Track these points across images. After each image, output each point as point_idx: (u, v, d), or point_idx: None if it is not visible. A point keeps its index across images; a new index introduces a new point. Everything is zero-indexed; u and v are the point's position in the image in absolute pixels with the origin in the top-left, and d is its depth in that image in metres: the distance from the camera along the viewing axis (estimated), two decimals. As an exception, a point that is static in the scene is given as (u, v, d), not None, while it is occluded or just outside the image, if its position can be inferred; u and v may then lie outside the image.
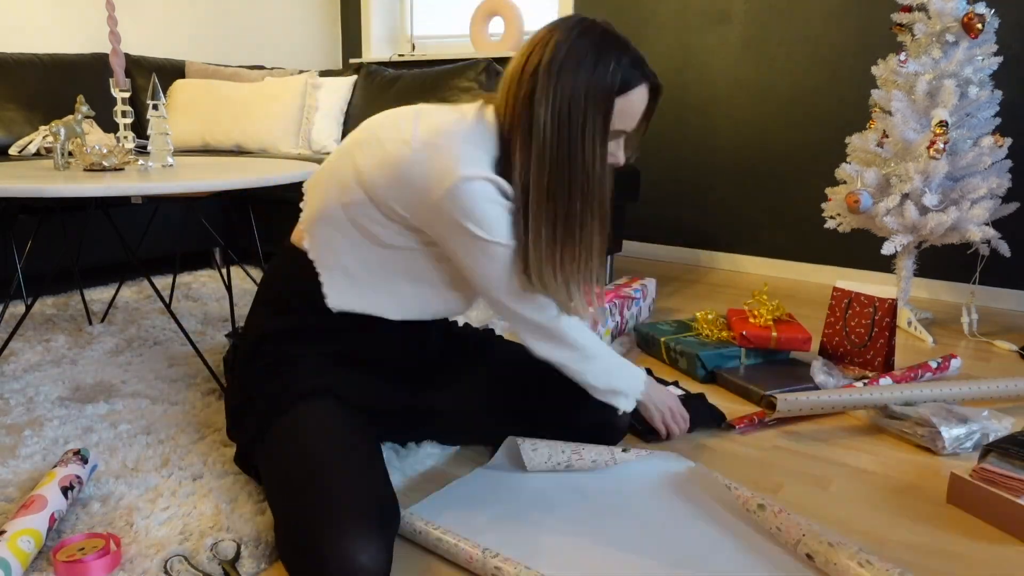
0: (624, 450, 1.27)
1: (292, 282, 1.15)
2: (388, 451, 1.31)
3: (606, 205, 1.07)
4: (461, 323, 1.37)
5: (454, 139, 1.01)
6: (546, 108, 0.99)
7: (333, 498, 0.89)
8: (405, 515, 1.06)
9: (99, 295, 2.40)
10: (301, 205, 1.16)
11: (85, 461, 1.18)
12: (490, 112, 1.07)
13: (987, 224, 2.12)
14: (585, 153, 1.01)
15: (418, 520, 1.04)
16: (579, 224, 1.04)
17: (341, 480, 0.92)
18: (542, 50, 1.01)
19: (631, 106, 1.03)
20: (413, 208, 1.03)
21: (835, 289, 1.92)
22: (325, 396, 1.08)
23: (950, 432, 1.37)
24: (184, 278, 2.68)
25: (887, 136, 2.17)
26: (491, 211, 1.01)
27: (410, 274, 1.10)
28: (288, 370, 1.11)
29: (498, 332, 1.42)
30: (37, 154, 2.40)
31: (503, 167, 1.04)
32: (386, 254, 1.08)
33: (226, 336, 1.85)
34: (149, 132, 1.79)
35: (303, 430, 1.02)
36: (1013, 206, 2.17)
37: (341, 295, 1.11)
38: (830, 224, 2.32)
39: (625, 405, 1.23)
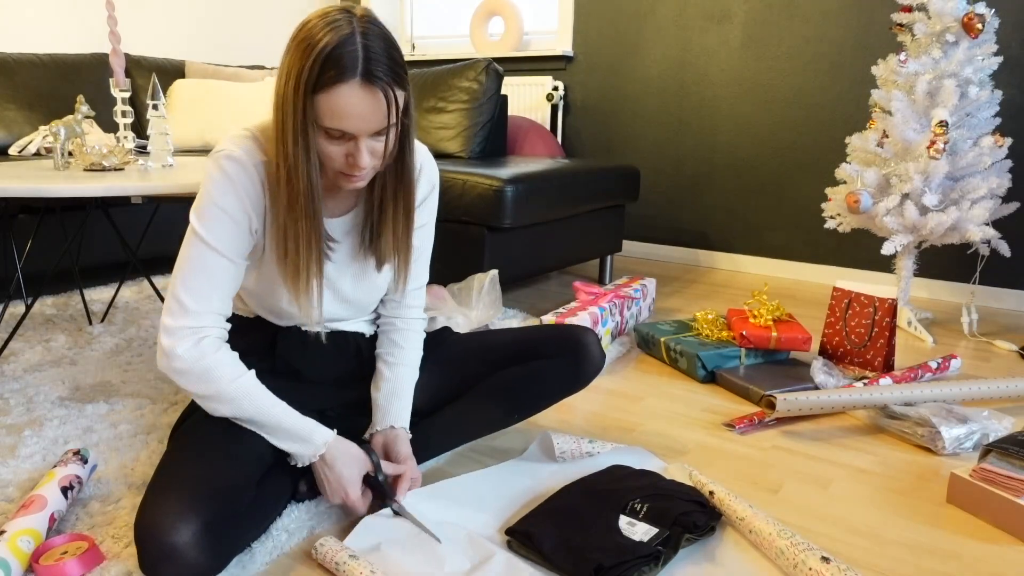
0: (590, 442, 1.32)
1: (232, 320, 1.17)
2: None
3: (313, 202, 0.99)
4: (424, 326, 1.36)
5: (233, 134, 1.02)
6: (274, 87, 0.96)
7: (167, 476, 0.94)
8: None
9: (99, 295, 2.40)
10: None
11: (85, 461, 1.18)
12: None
13: (987, 224, 2.12)
14: (287, 142, 0.94)
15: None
16: (284, 218, 0.99)
17: (182, 461, 0.96)
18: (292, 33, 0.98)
19: (338, 106, 0.91)
20: None
21: (835, 289, 1.92)
22: None
23: (950, 432, 1.37)
24: (184, 278, 2.67)
25: (887, 136, 2.17)
26: (211, 195, 0.99)
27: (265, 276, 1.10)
28: None
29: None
30: (37, 154, 2.40)
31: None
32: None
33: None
34: (149, 132, 1.78)
35: (192, 425, 1.06)
36: (1013, 206, 2.17)
37: (249, 302, 1.15)
38: (830, 224, 2.32)
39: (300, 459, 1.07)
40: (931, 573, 1.02)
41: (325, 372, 1.20)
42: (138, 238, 2.48)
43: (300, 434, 1.04)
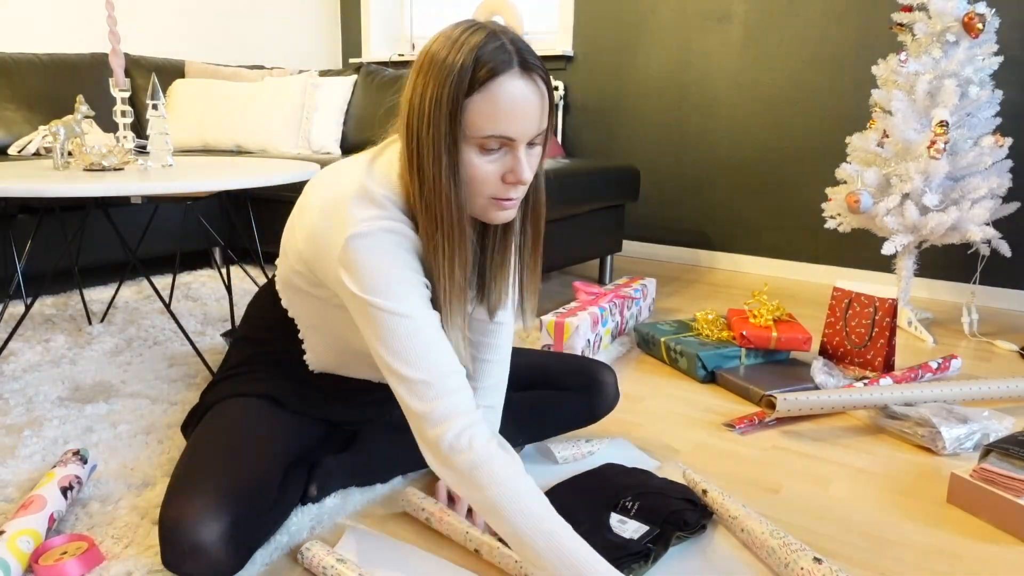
0: (587, 441, 1.33)
1: (272, 331, 1.12)
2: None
3: (464, 235, 0.89)
4: None
5: (354, 194, 0.88)
6: (402, 118, 0.87)
7: (194, 470, 0.92)
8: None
9: (99, 295, 2.39)
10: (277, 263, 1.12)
11: (84, 461, 1.18)
12: (394, 149, 0.93)
13: (987, 224, 2.11)
14: (430, 163, 0.84)
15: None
16: (433, 249, 0.88)
17: (205, 456, 0.95)
18: (415, 63, 0.88)
19: (497, 103, 0.82)
20: (325, 275, 0.92)
21: (835, 289, 1.92)
22: (257, 396, 1.09)
23: (950, 432, 1.37)
24: (184, 278, 2.67)
25: (887, 136, 2.17)
26: (379, 269, 0.85)
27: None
28: (237, 378, 1.13)
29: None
30: (37, 154, 2.40)
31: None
32: (343, 312, 1.01)
33: (222, 336, 1.85)
34: (149, 132, 1.78)
35: (213, 418, 1.05)
36: (1013, 206, 2.17)
37: (318, 357, 1.11)
38: (830, 224, 2.32)
39: None
40: (931, 573, 1.02)
41: (354, 399, 1.19)
42: (138, 238, 2.48)
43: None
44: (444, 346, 0.88)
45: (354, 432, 1.23)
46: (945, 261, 2.66)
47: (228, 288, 1.81)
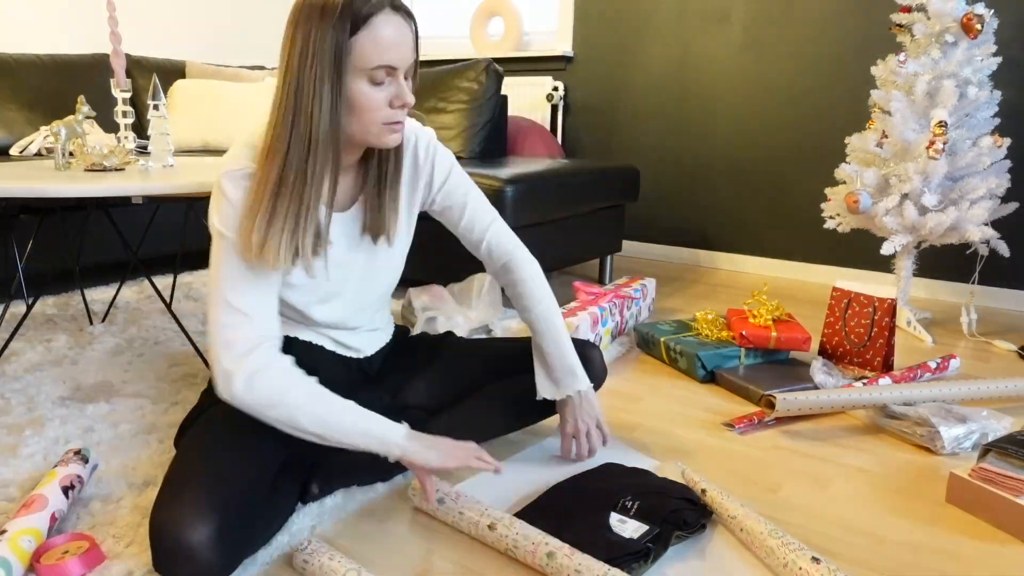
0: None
1: None
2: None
3: (335, 160, 0.98)
4: (417, 332, 1.36)
5: (237, 142, 1.01)
6: (280, 63, 0.94)
7: (182, 475, 0.93)
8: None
9: (100, 295, 2.40)
10: None
11: (86, 461, 1.18)
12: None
13: (986, 224, 2.12)
14: (311, 101, 0.92)
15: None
16: (295, 174, 0.95)
17: (199, 461, 0.96)
18: (288, 18, 0.97)
19: (379, 38, 0.92)
20: None
21: (835, 289, 1.92)
22: None
23: (949, 432, 1.37)
24: (185, 278, 2.68)
25: (887, 136, 2.18)
26: (231, 203, 0.97)
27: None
28: None
29: (498, 334, 1.42)
30: (38, 154, 2.41)
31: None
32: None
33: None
34: (150, 132, 1.79)
35: (206, 423, 1.06)
36: (1012, 206, 2.17)
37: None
38: (830, 224, 2.33)
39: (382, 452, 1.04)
40: (930, 573, 1.02)
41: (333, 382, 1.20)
42: (139, 238, 2.48)
43: (376, 434, 1.02)
44: (267, 292, 0.99)
45: None
46: (944, 261, 2.67)
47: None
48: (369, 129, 0.97)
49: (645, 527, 1.03)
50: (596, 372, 1.33)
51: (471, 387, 1.30)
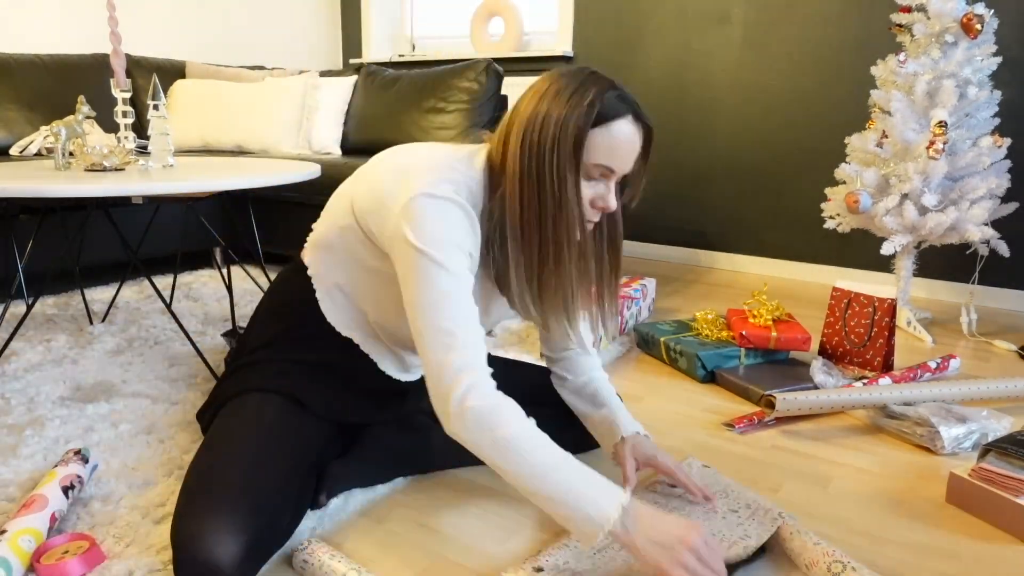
0: None
1: (292, 295, 1.16)
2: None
3: (583, 244, 1.02)
4: None
5: (433, 167, 0.98)
6: (518, 134, 0.97)
7: (213, 482, 0.92)
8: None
9: (100, 295, 2.40)
10: (313, 227, 1.17)
11: (86, 461, 1.18)
12: (483, 152, 1.04)
13: (986, 224, 2.12)
14: (554, 184, 0.95)
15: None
16: (553, 256, 0.98)
17: (225, 464, 0.95)
18: (536, 85, 1.00)
19: (612, 140, 0.96)
20: (380, 227, 1.00)
21: (835, 289, 1.92)
22: (280, 394, 1.08)
23: (949, 432, 1.37)
24: (184, 278, 2.68)
25: (886, 136, 2.18)
26: (440, 227, 0.94)
27: (393, 298, 1.08)
28: (260, 368, 1.12)
29: (498, 334, 1.41)
30: (38, 154, 2.41)
31: (489, 201, 1.02)
32: (372, 276, 1.08)
33: (223, 336, 1.85)
34: (150, 132, 1.79)
35: (231, 416, 1.04)
36: (1012, 206, 2.17)
37: (334, 311, 1.13)
38: (830, 224, 2.33)
39: (585, 539, 0.87)
40: (931, 573, 1.02)
41: (370, 392, 1.19)
42: (139, 238, 2.48)
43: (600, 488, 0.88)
44: (473, 310, 0.95)
45: (357, 431, 1.23)
46: (944, 261, 2.67)
47: (229, 288, 1.81)
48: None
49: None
50: None
51: None
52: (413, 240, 0.93)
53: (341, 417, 1.15)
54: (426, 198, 0.94)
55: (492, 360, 1.32)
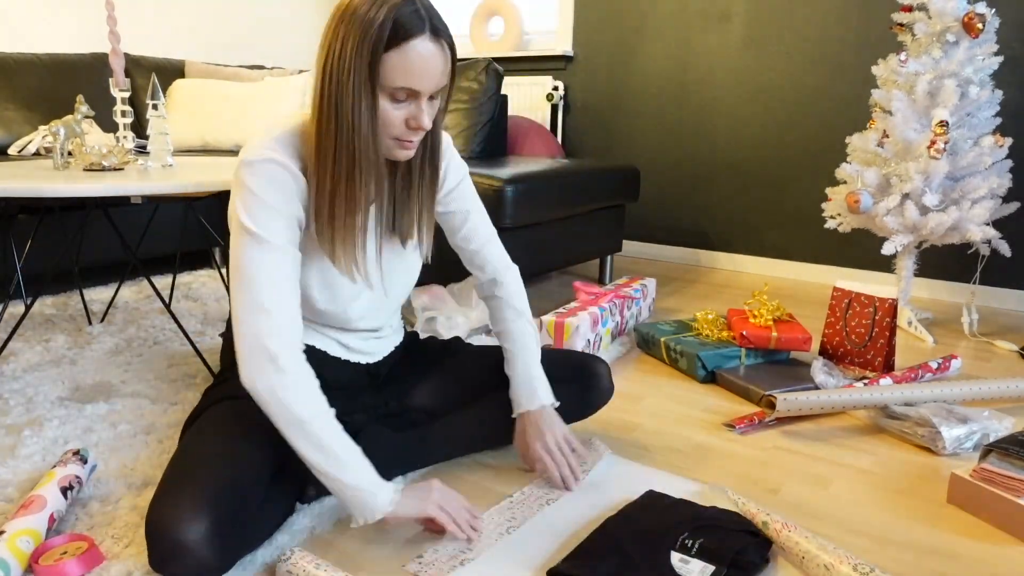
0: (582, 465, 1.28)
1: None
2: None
3: (380, 170, 1.00)
4: (424, 336, 1.36)
5: (263, 132, 0.99)
6: (319, 65, 0.94)
7: (178, 473, 0.93)
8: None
9: (99, 295, 2.39)
10: None
11: (85, 461, 1.18)
12: (297, 117, 1.03)
13: (987, 224, 2.11)
14: (350, 107, 0.93)
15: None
16: (345, 180, 0.97)
17: (198, 454, 0.96)
18: (333, 13, 0.96)
19: (408, 62, 0.92)
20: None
21: (835, 289, 1.92)
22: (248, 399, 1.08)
23: (950, 432, 1.37)
24: (184, 278, 2.67)
25: (887, 136, 2.17)
26: (259, 195, 0.96)
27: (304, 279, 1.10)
28: (234, 380, 1.11)
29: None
30: (37, 154, 2.40)
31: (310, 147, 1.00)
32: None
33: (221, 336, 1.85)
34: (149, 132, 1.78)
35: (207, 420, 1.05)
36: (1013, 206, 2.17)
37: None
38: (830, 224, 2.32)
39: (358, 515, 0.98)
40: (931, 573, 1.02)
41: (338, 384, 1.19)
42: (138, 238, 2.48)
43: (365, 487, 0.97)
44: (292, 286, 0.98)
45: (353, 433, 1.22)
46: (945, 261, 2.66)
47: (228, 288, 1.81)
48: (382, 141, 0.99)
49: (711, 567, 0.97)
50: (603, 387, 1.32)
51: (477, 393, 1.29)
52: (235, 211, 0.97)
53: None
54: (246, 166, 0.96)
55: (464, 348, 1.34)
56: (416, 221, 1.12)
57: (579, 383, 1.30)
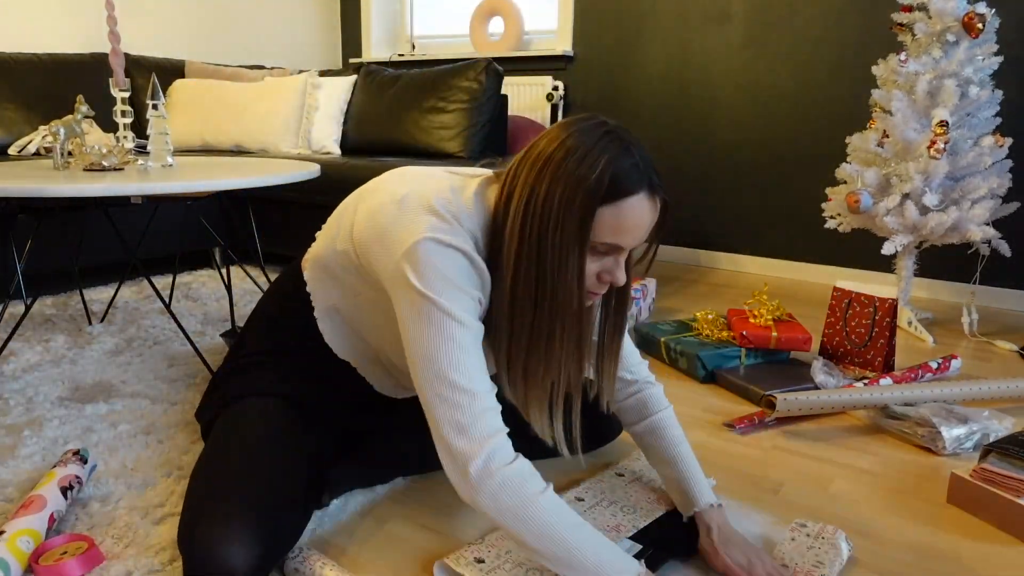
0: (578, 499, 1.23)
1: (291, 309, 1.12)
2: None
3: (583, 327, 0.93)
4: None
5: (439, 207, 0.90)
6: (519, 204, 0.87)
7: (218, 486, 0.91)
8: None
9: (99, 295, 2.39)
10: (316, 235, 1.13)
11: (84, 461, 1.18)
12: (492, 192, 0.95)
13: (987, 224, 2.11)
14: (555, 264, 0.86)
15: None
16: (546, 337, 0.90)
17: (238, 472, 0.93)
18: (547, 139, 0.91)
19: (622, 218, 0.86)
20: (380, 264, 0.92)
21: (835, 289, 1.92)
22: (282, 398, 1.08)
23: (950, 432, 1.37)
24: (184, 278, 2.67)
25: (887, 136, 2.17)
26: (443, 273, 0.86)
27: (392, 332, 1.04)
28: (261, 371, 1.11)
29: None
30: (37, 154, 2.40)
31: (491, 253, 0.92)
32: (370, 307, 1.02)
33: (222, 336, 1.85)
34: (149, 132, 1.78)
35: (237, 421, 1.03)
36: (1013, 206, 2.17)
37: (332, 333, 1.09)
38: (830, 224, 2.32)
39: None
40: (931, 573, 1.02)
41: (370, 404, 1.19)
42: (138, 238, 2.48)
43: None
44: (483, 362, 0.89)
45: (358, 434, 1.22)
46: (945, 261, 2.66)
47: (228, 288, 1.81)
48: (585, 295, 0.92)
49: (638, 547, 1.02)
50: (613, 429, 1.32)
51: None
52: (417, 284, 0.86)
53: (343, 423, 1.15)
54: (433, 243, 0.87)
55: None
56: (594, 372, 1.04)
57: (591, 413, 1.19)
